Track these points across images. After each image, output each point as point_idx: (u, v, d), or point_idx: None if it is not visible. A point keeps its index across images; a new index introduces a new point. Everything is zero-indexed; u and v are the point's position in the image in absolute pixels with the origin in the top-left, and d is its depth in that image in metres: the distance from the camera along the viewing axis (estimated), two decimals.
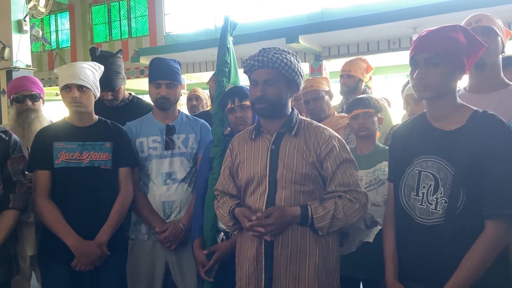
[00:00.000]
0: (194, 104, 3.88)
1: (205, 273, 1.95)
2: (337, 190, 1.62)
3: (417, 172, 1.47)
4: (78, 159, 1.99)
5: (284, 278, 1.60)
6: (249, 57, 1.68)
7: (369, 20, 6.93)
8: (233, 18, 2.17)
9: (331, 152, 1.63)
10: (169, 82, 2.18)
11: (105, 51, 2.57)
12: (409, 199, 1.50)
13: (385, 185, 1.93)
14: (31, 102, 2.35)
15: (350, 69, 3.04)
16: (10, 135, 1.92)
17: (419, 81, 1.41)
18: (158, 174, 2.17)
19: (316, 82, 2.65)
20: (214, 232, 1.99)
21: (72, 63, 2.05)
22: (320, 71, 8.57)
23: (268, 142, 1.69)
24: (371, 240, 1.90)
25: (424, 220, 1.44)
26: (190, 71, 10.03)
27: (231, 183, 1.79)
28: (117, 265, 2.07)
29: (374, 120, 2.09)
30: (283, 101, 1.67)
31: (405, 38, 7.76)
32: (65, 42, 13.26)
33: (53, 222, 1.92)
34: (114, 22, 12.36)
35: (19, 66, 6.52)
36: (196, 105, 3.87)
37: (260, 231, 1.56)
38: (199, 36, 10.21)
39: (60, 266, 1.95)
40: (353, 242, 1.95)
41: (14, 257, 1.92)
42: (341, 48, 8.50)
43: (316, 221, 1.56)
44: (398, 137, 1.62)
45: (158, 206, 2.16)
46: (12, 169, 1.88)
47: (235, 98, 1.98)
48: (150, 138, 2.20)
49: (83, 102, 1.98)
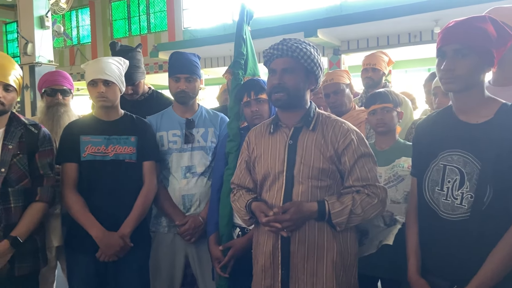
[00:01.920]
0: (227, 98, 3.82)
1: (220, 269, 1.95)
2: (355, 185, 1.59)
3: (442, 166, 1.44)
4: (104, 152, 2.02)
5: (301, 274, 1.59)
6: (269, 47, 1.66)
7: (390, 13, 6.83)
8: (250, 7, 2.14)
9: (349, 146, 1.60)
10: (188, 76, 2.18)
11: (124, 45, 2.59)
12: (433, 194, 1.46)
13: (405, 182, 1.89)
14: (61, 96, 2.39)
15: (375, 62, 3.00)
16: (39, 128, 1.96)
17: (447, 73, 1.37)
18: (178, 167, 2.18)
19: (337, 75, 2.62)
20: (229, 228, 1.99)
21: (98, 59, 2.08)
22: (338, 65, 8.49)
23: (286, 136, 1.67)
24: (391, 242, 1.86)
25: (449, 215, 1.41)
26: (208, 66, 10.08)
27: (247, 176, 1.78)
28: (140, 257, 2.10)
29: (393, 115, 2.03)
30: (301, 92, 1.65)
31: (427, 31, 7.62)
32: (85, 37, 13.48)
33: (79, 214, 1.96)
34: (134, 17, 12.50)
35: (41, 62, 6.66)
36: None
37: (276, 227, 1.54)
38: (217, 31, 10.23)
39: (85, 257, 1.99)
40: (372, 241, 1.92)
41: (42, 249, 1.96)
42: (360, 42, 8.40)
43: (334, 217, 1.54)
44: (422, 131, 1.58)
45: (178, 200, 2.17)
46: (40, 163, 1.92)
47: (251, 91, 1.96)
48: (170, 132, 2.21)
49: (109, 96, 2.01)
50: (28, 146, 1.89)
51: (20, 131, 1.89)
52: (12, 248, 1.77)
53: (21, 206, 1.84)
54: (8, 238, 1.77)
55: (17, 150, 1.85)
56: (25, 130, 1.90)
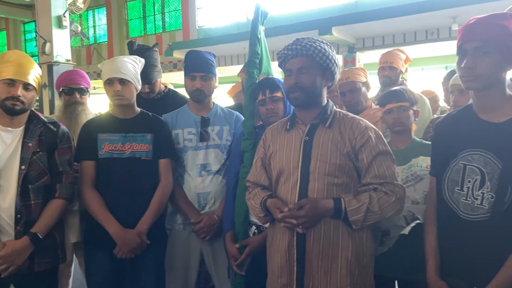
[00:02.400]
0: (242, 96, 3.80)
1: (237, 267, 1.96)
2: (372, 182, 1.58)
3: (462, 166, 1.41)
4: (121, 150, 2.04)
5: (316, 272, 1.58)
6: (283, 48, 1.66)
7: (406, 10, 6.73)
8: (264, 7, 2.14)
9: (367, 143, 1.59)
10: (204, 74, 2.18)
11: (142, 44, 2.61)
12: (452, 194, 1.44)
13: (424, 181, 1.86)
14: (79, 95, 2.43)
15: (392, 60, 2.96)
16: (58, 126, 1.99)
17: (468, 71, 1.34)
18: (193, 165, 2.19)
19: (353, 73, 2.59)
20: (245, 226, 1.99)
21: (114, 58, 2.10)
22: (353, 63, 8.42)
23: (302, 133, 1.66)
24: (407, 232, 1.83)
25: (469, 216, 1.39)
26: (222, 64, 10.10)
27: (263, 174, 1.78)
28: (156, 254, 2.11)
29: (409, 114, 2.00)
30: (318, 90, 1.64)
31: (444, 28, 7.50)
32: (102, 37, 13.65)
33: (96, 211, 1.99)
34: (149, 16, 12.60)
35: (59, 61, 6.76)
36: None
37: (292, 223, 1.54)
38: (231, 30, 10.25)
39: (103, 253, 2.02)
40: (393, 240, 1.89)
41: (61, 245, 1.99)
42: (375, 40, 8.31)
43: (350, 214, 1.53)
44: (441, 130, 1.56)
45: (193, 198, 2.18)
46: (59, 160, 1.95)
47: (266, 90, 1.96)
48: (186, 130, 2.22)
49: (125, 95, 2.03)
50: (47, 144, 1.92)
51: (40, 129, 1.92)
52: (32, 244, 1.81)
53: (41, 202, 1.87)
54: (28, 235, 1.81)
55: (37, 148, 1.88)
56: (44, 128, 1.94)
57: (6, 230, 1.80)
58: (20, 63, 1.84)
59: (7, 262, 1.75)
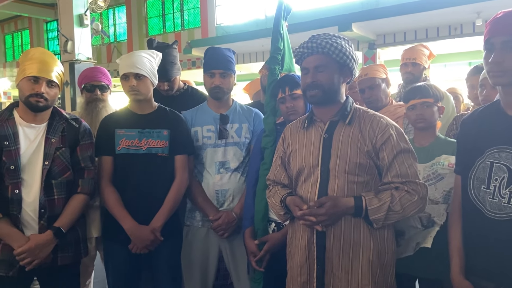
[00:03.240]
0: None
1: (256, 263, 1.96)
2: (394, 181, 1.55)
3: (489, 163, 1.37)
4: (137, 146, 2.05)
5: (336, 270, 1.56)
6: (299, 46, 1.65)
7: (429, 5, 6.58)
8: (287, 3, 2.12)
9: (388, 141, 1.56)
10: (222, 71, 2.18)
11: (161, 42, 2.62)
12: (478, 193, 1.40)
13: (445, 181, 1.82)
14: (100, 92, 2.46)
15: (415, 56, 2.88)
16: (80, 123, 2.02)
17: (495, 66, 1.30)
18: (212, 163, 2.19)
19: (372, 70, 2.55)
20: (265, 223, 1.98)
21: (131, 53, 2.11)
22: (374, 59, 8.30)
23: (321, 130, 1.64)
24: (429, 245, 1.81)
25: (496, 215, 1.34)
26: (240, 62, 10.11)
27: (283, 172, 1.77)
28: (172, 249, 2.13)
29: (433, 111, 1.95)
30: (336, 87, 1.62)
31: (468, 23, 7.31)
32: (122, 35, 13.83)
33: (112, 206, 2.02)
34: (168, 14, 12.70)
35: (80, 59, 6.86)
36: None
37: (311, 220, 1.52)
38: (249, 27, 10.24)
39: (120, 248, 2.04)
40: (409, 243, 1.87)
41: (83, 239, 2.02)
42: (397, 36, 8.17)
43: (371, 213, 1.50)
44: (467, 127, 1.51)
45: (212, 195, 2.18)
46: (81, 155, 1.98)
47: (286, 87, 1.94)
48: (205, 127, 2.23)
49: (141, 90, 2.04)
50: (69, 140, 1.95)
51: (62, 125, 1.96)
52: (55, 238, 1.84)
53: (63, 197, 1.91)
54: (52, 229, 1.84)
55: (60, 144, 1.92)
56: (66, 124, 1.97)
57: (30, 224, 1.83)
58: (43, 60, 1.87)
59: (31, 256, 1.79)
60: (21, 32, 17.28)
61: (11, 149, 1.81)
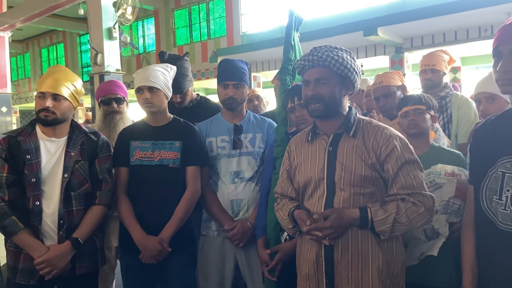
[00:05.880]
0: (256, 104, 3.70)
1: (268, 272, 1.96)
2: (400, 193, 1.52)
3: (501, 174, 1.32)
4: (150, 157, 2.10)
5: (346, 284, 1.54)
6: (300, 58, 1.65)
7: (457, 7, 6.39)
8: (298, 13, 2.13)
9: (392, 153, 1.53)
10: (236, 82, 2.21)
11: (173, 54, 2.65)
12: (490, 203, 1.35)
13: (442, 189, 1.81)
14: (116, 104, 2.54)
15: (435, 63, 2.80)
16: (99, 136, 2.09)
17: (504, 74, 1.27)
18: (227, 173, 2.21)
19: (387, 77, 2.51)
20: (277, 232, 1.98)
21: (146, 67, 2.17)
22: (401, 63, 8.12)
23: (325, 143, 1.64)
24: (435, 253, 1.78)
25: (508, 227, 1.30)
26: (266, 69, 10.13)
27: (289, 186, 1.77)
28: (185, 261, 2.15)
29: (425, 117, 1.96)
30: (337, 100, 1.61)
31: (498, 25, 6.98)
32: (150, 46, 14.18)
33: (124, 216, 2.08)
34: (194, 24, 12.93)
35: (110, 71, 7.09)
36: (258, 104, 3.70)
37: (317, 235, 1.52)
38: (274, 34, 10.26)
39: (134, 257, 2.08)
40: (412, 253, 1.83)
41: (101, 249, 2.08)
42: (425, 39, 7.96)
43: (377, 225, 1.48)
44: (479, 136, 1.47)
45: (227, 204, 2.20)
46: (99, 168, 2.04)
47: (295, 97, 1.96)
48: (219, 138, 2.26)
49: (154, 102, 2.09)
50: (88, 153, 2.02)
51: (81, 138, 2.03)
52: (73, 248, 1.91)
53: (82, 209, 1.97)
54: (70, 239, 1.91)
55: (79, 157, 1.99)
56: (85, 137, 2.04)
57: (50, 234, 1.90)
58: (53, 76, 1.94)
59: (50, 266, 1.85)
60: (56, 46, 18.02)
61: (32, 162, 1.89)
